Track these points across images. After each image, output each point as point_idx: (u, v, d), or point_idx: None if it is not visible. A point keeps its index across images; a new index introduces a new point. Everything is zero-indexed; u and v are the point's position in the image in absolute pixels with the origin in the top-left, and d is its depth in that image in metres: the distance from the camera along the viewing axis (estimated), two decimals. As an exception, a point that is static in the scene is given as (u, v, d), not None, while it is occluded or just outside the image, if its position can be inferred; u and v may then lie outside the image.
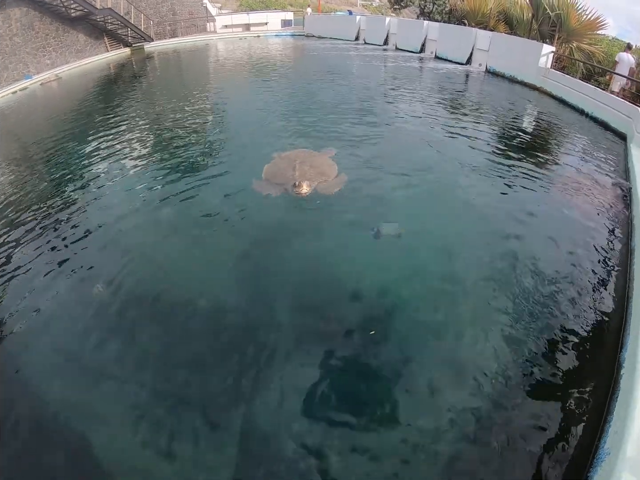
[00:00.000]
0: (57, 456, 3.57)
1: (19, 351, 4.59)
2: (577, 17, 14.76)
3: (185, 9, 32.54)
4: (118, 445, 3.62)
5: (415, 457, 3.40)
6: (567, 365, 4.11)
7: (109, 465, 3.45)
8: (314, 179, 6.91)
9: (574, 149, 9.52)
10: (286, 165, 7.40)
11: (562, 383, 3.94)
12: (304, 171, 7.08)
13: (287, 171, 7.17)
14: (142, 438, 3.62)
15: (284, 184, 6.87)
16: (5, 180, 9.02)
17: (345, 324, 4.62)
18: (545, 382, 3.94)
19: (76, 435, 3.67)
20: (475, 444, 3.48)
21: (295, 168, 7.13)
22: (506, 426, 3.59)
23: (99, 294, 4.25)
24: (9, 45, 18.99)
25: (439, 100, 13.08)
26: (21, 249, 6.24)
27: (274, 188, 6.88)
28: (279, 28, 34.87)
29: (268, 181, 7.15)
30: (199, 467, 3.41)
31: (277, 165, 7.62)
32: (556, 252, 5.74)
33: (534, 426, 3.57)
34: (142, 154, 9.52)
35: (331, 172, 7.32)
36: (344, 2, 45.38)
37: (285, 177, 7.03)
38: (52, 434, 3.74)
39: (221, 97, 15.02)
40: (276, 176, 7.19)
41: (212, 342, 4.55)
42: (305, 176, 6.89)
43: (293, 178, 6.81)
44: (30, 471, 3.50)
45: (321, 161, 7.67)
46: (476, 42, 17.81)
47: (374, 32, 25.40)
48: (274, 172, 7.37)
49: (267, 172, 7.43)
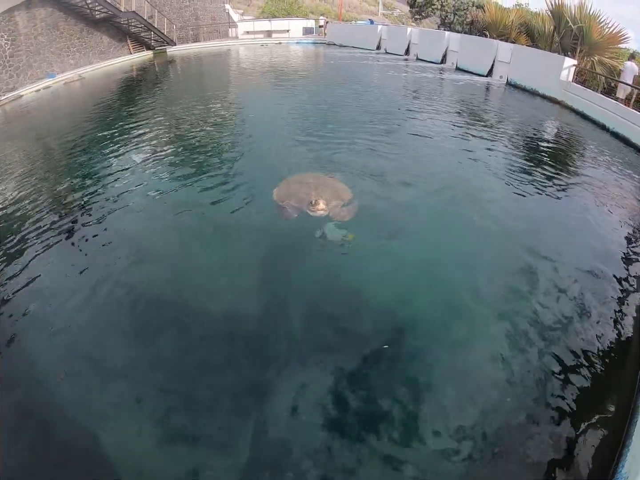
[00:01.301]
0: (66, 452, 3.63)
1: (36, 349, 4.62)
2: (599, 30, 14.53)
3: (207, 15, 32.92)
4: (127, 444, 3.65)
5: (425, 472, 3.35)
6: (585, 386, 4.03)
7: (117, 464, 3.50)
8: (330, 199, 6.55)
9: (595, 165, 9.33)
10: (298, 188, 6.98)
11: (581, 405, 3.86)
12: (319, 191, 6.68)
13: (301, 192, 6.76)
14: (152, 438, 3.67)
15: (298, 205, 6.47)
16: (25, 177, 9.10)
17: (359, 336, 4.60)
18: (563, 403, 3.86)
19: (86, 433, 3.71)
20: (489, 462, 3.42)
21: (310, 187, 6.76)
22: (520, 447, 3.52)
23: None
24: (34, 44, 19.32)
25: (459, 113, 12.96)
26: (40, 246, 6.29)
27: (287, 210, 6.49)
28: (301, 35, 35.06)
29: (281, 203, 6.73)
30: (207, 469, 3.46)
31: (288, 187, 7.17)
32: (577, 266, 5.64)
33: (551, 447, 3.51)
34: (161, 156, 9.58)
35: (346, 195, 6.93)
36: (365, 11, 45.57)
37: (299, 198, 6.62)
38: (63, 430, 3.80)
39: (241, 104, 15.05)
40: (289, 197, 6.76)
41: (226, 348, 4.56)
42: (322, 195, 6.50)
43: (309, 197, 6.41)
44: (40, 466, 3.55)
45: (333, 184, 7.32)
46: (497, 54, 17.67)
47: (395, 42, 25.38)
48: (286, 194, 6.92)
49: (278, 194, 7.00)
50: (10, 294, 5.37)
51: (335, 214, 6.26)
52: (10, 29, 17.83)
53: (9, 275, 5.71)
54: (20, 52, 18.55)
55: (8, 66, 17.91)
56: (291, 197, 6.71)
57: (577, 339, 4.50)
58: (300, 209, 6.36)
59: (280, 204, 6.68)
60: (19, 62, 18.54)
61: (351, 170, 8.11)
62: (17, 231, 6.73)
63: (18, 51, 18.41)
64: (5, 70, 17.74)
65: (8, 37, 17.75)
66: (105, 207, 7.36)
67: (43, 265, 5.88)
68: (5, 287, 5.52)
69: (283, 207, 6.56)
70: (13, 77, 18.22)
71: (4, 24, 17.46)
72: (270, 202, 6.89)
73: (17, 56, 18.39)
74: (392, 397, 3.92)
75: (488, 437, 3.58)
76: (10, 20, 17.76)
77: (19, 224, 6.98)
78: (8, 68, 17.91)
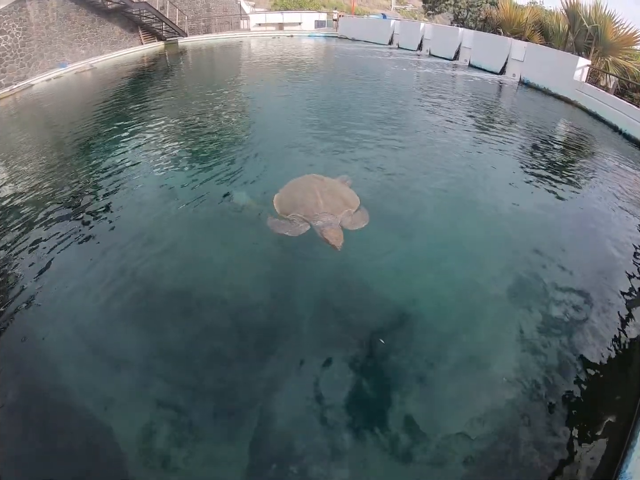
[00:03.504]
0: (73, 440, 3.70)
1: (46, 337, 4.69)
2: (614, 30, 14.31)
3: (219, 6, 32.80)
4: (134, 432, 3.70)
5: (429, 470, 3.40)
6: (592, 386, 4.06)
7: (123, 451, 3.57)
8: (339, 209, 5.95)
9: (605, 167, 9.21)
10: (303, 196, 6.17)
11: (584, 405, 3.91)
12: (327, 200, 6.01)
13: (308, 203, 6.00)
14: (158, 426, 3.73)
15: (307, 219, 5.80)
16: (35, 166, 9.16)
17: (368, 332, 4.61)
18: (567, 403, 3.90)
19: (94, 420, 3.79)
20: (491, 463, 3.47)
21: (316, 196, 6.04)
22: (526, 446, 3.55)
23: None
24: (45, 33, 19.38)
25: (471, 111, 12.83)
26: (52, 236, 6.34)
27: (293, 225, 5.79)
28: (313, 29, 34.87)
29: (285, 216, 6.01)
30: (211, 458, 3.52)
31: (290, 196, 6.36)
32: (587, 271, 5.63)
33: (556, 445, 3.54)
34: (171, 148, 9.58)
35: (354, 201, 6.32)
36: (377, 5, 45.25)
37: (306, 208, 5.92)
38: (71, 417, 3.88)
39: (251, 97, 14.90)
40: (295, 209, 6.01)
41: (235, 339, 4.61)
42: (330, 206, 5.89)
43: (317, 207, 5.83)
44: (47, 454, 3.61)
45: (340, 188, 6.64)
46: (511, 52, 17.47)
47: (408, 37, 25.12)
48: (291, 203, 6.14)
49: (281, 204, 6.24)
50: (21, 280, 5.46)
51: (347, 224, 5.79)
52: (21, 19, 17.87)
53: (21, 261, 5.81)
54: (32, 41, 18.61)
55: (19, 55, 17.97)
56: (297, 209, 5.97)
57: (584, 340, 4.52)
58: (308, 223, 5.75)
59: (285, 217, 5.99)
60: (30, 52, 18.60)
61: (361, 167, 8.08)
62: (28, 218, 6.83)
63: (29, 40, 18.46)
64: (16, 60, 17.81)
65: (19, 26, 17.80)
66: (117, 196, 7.43)
67: (54, 253, 5.95)
68: (16, 272, 5.62)
69: (291, 221, 5.88)
70: (24, 67, 18.29)
71: (15, 13, 17.51)
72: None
73: (29, 45, 18.44)
74: (398, 394, 3.96)
75: (491, 436, 3.61)
76: (21, 10, 17.80)
77: (30, 211, 7.07)
78: (19, 57, 17.98)
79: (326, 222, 5.60)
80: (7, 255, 5.95)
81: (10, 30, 17.38)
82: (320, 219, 5.66)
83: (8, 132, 12.25)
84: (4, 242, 6.24)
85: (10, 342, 4.59)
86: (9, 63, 17.43)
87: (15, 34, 17.65)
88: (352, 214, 6.00)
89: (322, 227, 5.52)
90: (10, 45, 17.47)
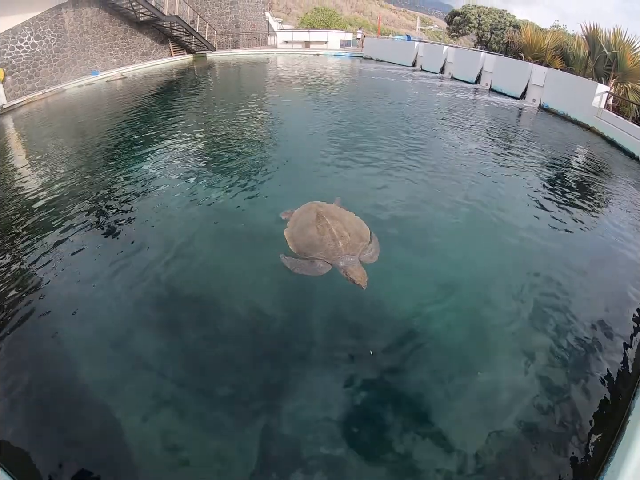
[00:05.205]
0: (84, 436, 3.80)
1: (64, 334, 4.83)
2: (633, 57, 14.31)
3: (248, 22, 33.68)
4: (143, 431, 3.79)
5: (426, 471, 3.48)
6: (582, 402, 4.13)
7: (132, 449, 3.66)
8: (357, 247, 5.82)
9: (622, 195, 9.14)
10: (319, 236, 5.92)
11: (573, 418, 3.99)
12: (345, 241, 5.79)
13: (327, 243, 5.78)
14: (168, 427, 3.82)
15: (327, 259, 5.64)
16: (62, 168, 9.48)
17: (379, 347, 4.64)
18: (557, 415, 3.99)
19: (106, 417, 3.89)
20: (487, 464, 3.54)
21: (335, 238, 5.78)
22: (517, 453, 3.66)
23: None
24: (79, 41, 20.20)
25: (491, 135, 12.78)
26: (74, 237, 6.56)
27: (314, 266, 5.64)
28: (338, 48, 35.50)
29: (304, 256, 5.84)
30: (218, 460, 3.59)
31: (305, 234, 6.10)
32: (602, 300, 5.63)
33: (541, 454, 3.66)
34: (196, 160, 9.76)
35: (365, 232, 6.21)
36: (403, 25, 45.92)
37: (326, 250, 5.72)
38: (83, 414, 3.98)
39: (276, 115, 14.98)
40: (315, 250, 5.81)
41: (247, 347, 4.69)
42: (349, 245, 5.73)
43: (337, 250, 5.64)
44: (59, 446, 3.73)
45: (348, 219, 6.43)
46: (531, 77, 17.51)
47: (431, 59, 25.38)
48: (308, 244, 5.93)
49: (296, 244, 6.05)
50: (44, 278, 5.65)
51: (365, 259, 5.71)
52: (57, 25, 18.72)
53: (45, 260, 6.01)
54: (66, 48, 19.43)
55: (53, 61, 18.76)
56: (316, 250, 5.78)
57: (579, 359, 4.57)
58: (330, 264, 5.60)
59: (304, 257, 5.82)
60: (64, 58, 19.41)
61: (379, 190, 8.12)
62: (54, 221, 7.05)
63: (63, 47, 19.29)
64: (50, 65, 18.58)
65: (54, 33, 18.63)
66: (141, 202, 7.66)
67: (78, 254, 6.16)
68: (40, 270, 5.81)
69: (310, 262, 5.73)
70: (57, 72, 19.08)
71: (51, 20, 18.34)
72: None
73: (62, 52, 19.25)
74: (405, 406, 4.03)
75: (489, 441, 3.70)
76: (57, 17, 18.64)
77: (57, 213, 7.32)
78: (53, 62, 18.75)
79: (348, 262, 5.54)
80: (33, 254, 6.16)
81: (46, 36, 18.20)
82: (342, 260, 5.60)
83: (40, 133, 12.81)
84: (30, 242, 6.47)
85: (40, 338, 4.76)
86: (42, 67, 18.19)
87: (50, 39, 18.45)
88: (368, 247, 5.94)
89: (345, 268, 5.46)
90: (45, 51, 18.28)
